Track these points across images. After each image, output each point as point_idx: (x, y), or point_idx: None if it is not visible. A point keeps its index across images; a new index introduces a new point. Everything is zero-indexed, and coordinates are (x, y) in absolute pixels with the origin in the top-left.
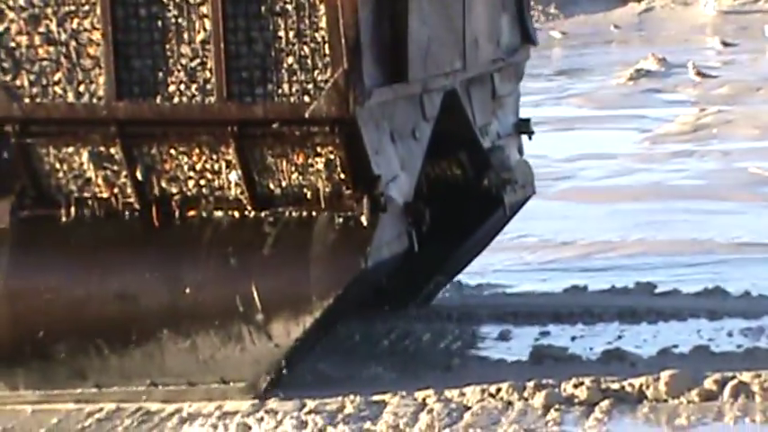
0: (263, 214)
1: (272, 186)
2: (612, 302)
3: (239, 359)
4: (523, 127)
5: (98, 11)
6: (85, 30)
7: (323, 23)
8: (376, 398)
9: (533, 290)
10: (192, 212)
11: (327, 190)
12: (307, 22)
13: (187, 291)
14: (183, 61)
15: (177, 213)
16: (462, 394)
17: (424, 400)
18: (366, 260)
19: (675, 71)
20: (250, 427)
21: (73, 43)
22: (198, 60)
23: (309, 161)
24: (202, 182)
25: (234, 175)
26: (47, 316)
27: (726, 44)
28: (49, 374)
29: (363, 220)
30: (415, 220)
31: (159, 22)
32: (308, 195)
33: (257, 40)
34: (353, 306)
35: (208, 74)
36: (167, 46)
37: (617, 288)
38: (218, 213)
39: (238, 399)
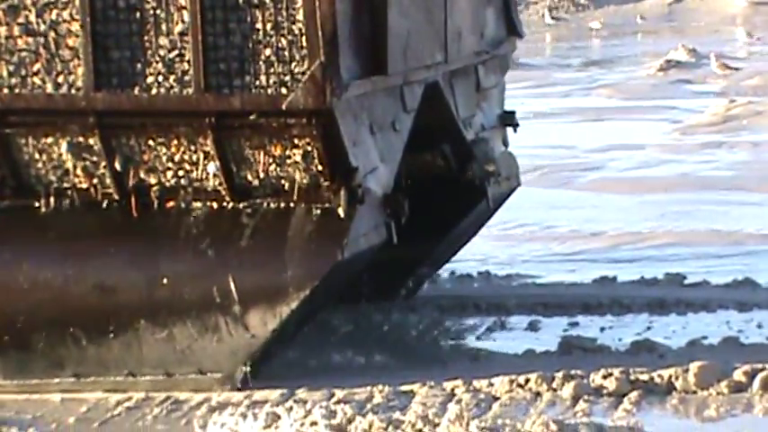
0: (240, 205)
1: (249, 178)
2: (641, 293)
3: (216, 350)
4: (508, 119)
5: (77, 2)
6: (64, 21)
7: (300, 15)
8: (404, 388)
9: (562, 280)
10: (170, 203)
11: (305, 181)
12: (284, 14)
13: (165, 281)
14: (162, 52)
15: (156, 204)
16: (491, 384)
17: (452, 390)
18: (342, 252)
19: (705, 62)
20: (279, 417)
21: (52, 34)
22: (176, 52)
23: (287, 153)
24: (181, 173)
25: (212, 167)
26: (25, 306)
27: (750, 36)
28: (27, 364)
29: (340, 211)
30: (393, 211)
31: (137, 14)
32: (286, 187)
33: (235, 32)
34: (331, 297)
35: (186, 65)
36: (145, 37)
37: (646, 279)
38: (197, 204)
39: (217, 389)
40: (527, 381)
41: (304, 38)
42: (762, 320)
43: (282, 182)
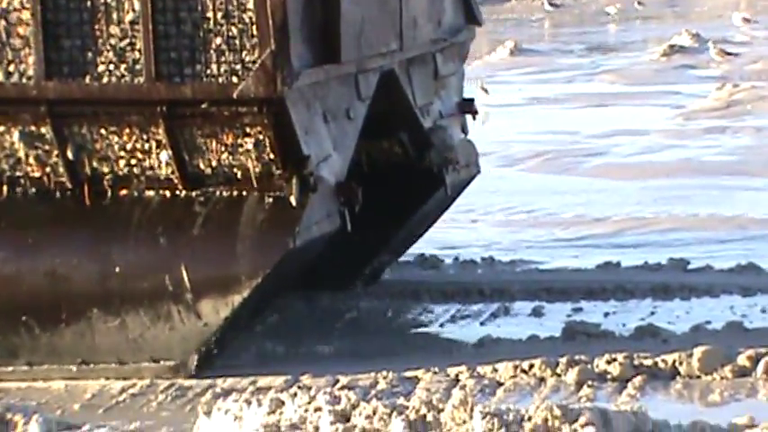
0: (193, 194)
1: (202, 166)
2: (645, 278)
3: (169, 338)
4: (467, 107)
5: None
6: (15, 9)
7: (251, 4)
8: (408, 374)
9: (566, 266)
10: (123, 192)
11: (257, 170)
12: (235, 2)
13: (117, 270)
14: (113, 41)
15: (109, 193)
16: (495, 370)
17: (456, 376)
18: (294, 240)
19: (709, 47)
20: (283, 403)
21: (2, 23)
22: (127, 41)
23: (239, 141)
24: (133, 161)
25: (164, 155)
26: None
27: (747, 21)
28: None
29: (292, 200)
30: (347, 199)
31: (88, 3)
32: (238, 175)
33: (186, 21)
34: (284, 285)
35: (137, 54)
36: (96, 26)
37: (650, 264)
38: (150, 193)
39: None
40: (531, 366)
41: (254, 26)
42: (765, 305)
43: (235, 170)
